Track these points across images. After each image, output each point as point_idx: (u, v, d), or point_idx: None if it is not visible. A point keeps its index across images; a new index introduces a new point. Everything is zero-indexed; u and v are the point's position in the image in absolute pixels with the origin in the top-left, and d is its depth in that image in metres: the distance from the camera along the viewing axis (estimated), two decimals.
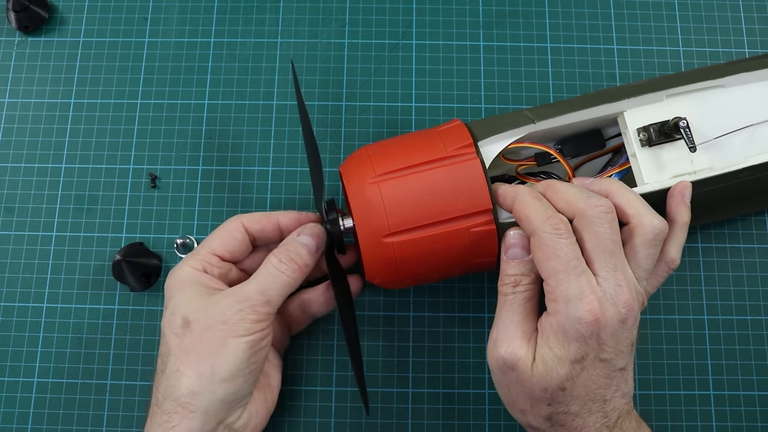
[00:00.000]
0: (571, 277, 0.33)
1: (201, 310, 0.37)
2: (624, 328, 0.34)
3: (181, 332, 0.37)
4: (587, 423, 0.34)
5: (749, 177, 0.41)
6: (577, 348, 0.33)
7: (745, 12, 0.50)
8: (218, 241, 0.40)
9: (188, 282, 0.38)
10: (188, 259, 0.39)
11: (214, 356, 0.36)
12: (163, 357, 0.37)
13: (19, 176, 0.47)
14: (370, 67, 0.49)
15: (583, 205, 0.34)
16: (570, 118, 0.40)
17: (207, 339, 0.36)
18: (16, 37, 0.50)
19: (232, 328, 0.36)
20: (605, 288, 0.33)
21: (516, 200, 0.36)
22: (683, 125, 0.39)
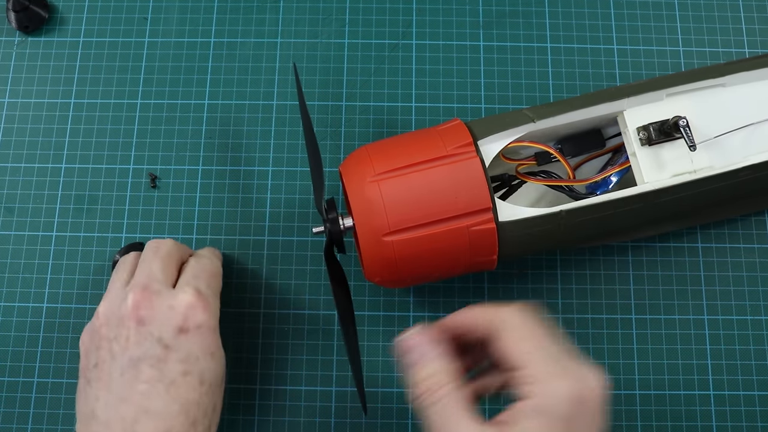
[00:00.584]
0: (548, 359, 0.30)
1: (166, 325, 0.37)
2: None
3: (165, 352, 0.36)
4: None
5: (749, 176, 0.41)
6: (563, 427, 0.29)
7: (745, 12, 0.50)
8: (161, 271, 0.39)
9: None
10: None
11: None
12: (166, 382, 0.36)
13: (19, 176, 0.47)
14: (370, 67, 0.49)
15: None
16: (570, 117, 0.40)
17: (198, 341, 0.37)
18: (16, 37, 0.50)
19: (212, 314, 0.38)
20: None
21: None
22: (683, 124, 0.39)
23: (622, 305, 0.45)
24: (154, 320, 0.36)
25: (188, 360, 0.35)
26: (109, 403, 0.35)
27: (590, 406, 0.30)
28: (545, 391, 0.29)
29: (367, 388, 0.43)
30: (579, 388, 0.30)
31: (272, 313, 0.45)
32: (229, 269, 0.46)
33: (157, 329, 0.35)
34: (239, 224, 0.46)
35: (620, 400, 0.44)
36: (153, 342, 0.35)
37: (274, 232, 0.46)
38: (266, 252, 0.46)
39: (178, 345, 0.35)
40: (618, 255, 0.46)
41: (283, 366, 0.44)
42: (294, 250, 0.46)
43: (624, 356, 0.44)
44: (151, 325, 0.35)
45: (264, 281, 0.45)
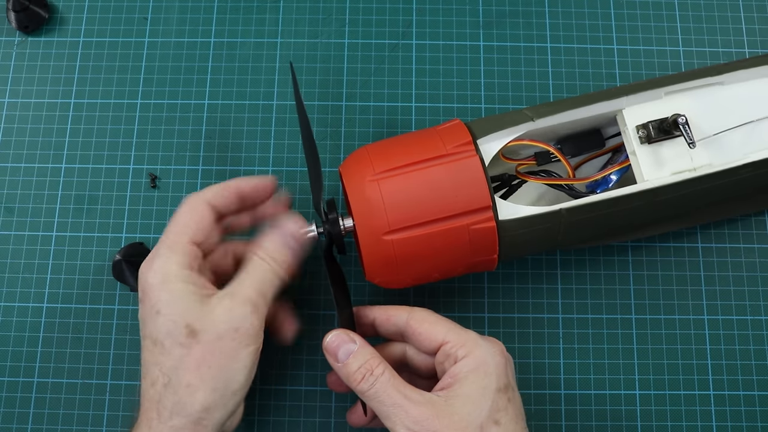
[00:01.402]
0: (460, 329, 0.36)
1: (206, 317, 0.35)
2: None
3: (187, 342, 0.34)
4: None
5: (749, 173, 0.41)
6: (496, 377, 0.35)
7: (745, 12, 0.50)
8: (192, 225, 0.37)
9: (178, 282, 0.35)
10: (168, 252, 0.36)
11: (227, 369, 0.34)
12: (165, 369, 0.34)
13: (19, 176, 0.47)
14: (370, 67, 0.49)
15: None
16: (569, 115, 0.40)
17: (219, 351, 0.34)
18: (16, 37, 0.50)
19: (243, 336, 0.35)
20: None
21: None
22: (682, 122, 0.39)
23: (622, 305, 0.45)
24: None
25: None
26: None
27: (510, 360, 0.37)
28: (477, 350, 0.35)
29: None
30: (500, 345, 0.37)
31: None
32: None
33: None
34: None
35: (620, 400, 0.44)
36: None
37: None
38: None
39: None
40: (618, 255, 0.46)
41: (283, 366, 0.44)
42: None
43: (624, 356, 0.44)
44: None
45: None
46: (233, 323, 0.35)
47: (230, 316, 0.35)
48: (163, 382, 0.34)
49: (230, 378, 0.35)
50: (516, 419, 0.35)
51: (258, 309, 0.36)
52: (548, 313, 0.45)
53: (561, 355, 0.44)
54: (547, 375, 0.44)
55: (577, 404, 0.44)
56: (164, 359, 0.35)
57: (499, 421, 0.34)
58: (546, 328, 0.45)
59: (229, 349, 0.34)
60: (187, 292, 0.35)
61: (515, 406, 0.35)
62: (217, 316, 0.35)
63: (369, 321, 0.39)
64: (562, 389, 0.44)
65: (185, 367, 0.34)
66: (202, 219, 0.37)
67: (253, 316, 0.35)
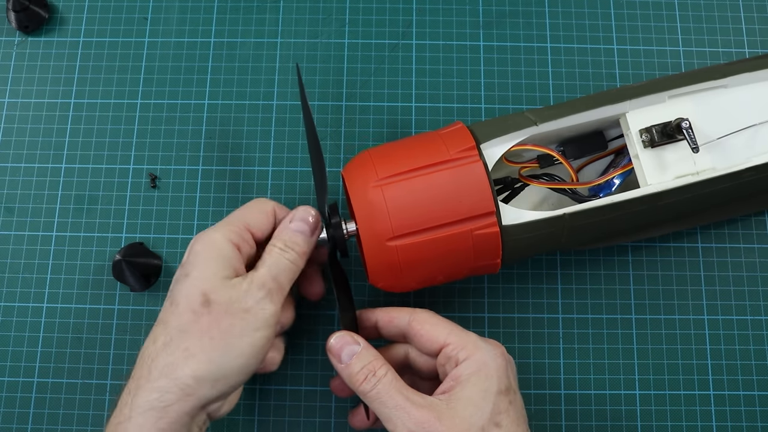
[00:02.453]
0: (462, 331, 0.37)
1: (224, 291, 0.35)
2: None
3: (200, 310, 0.35)
4: None
5: (752, 177, 0.41)
6: (497, 380, 0.35)
7: (745, 12, 0.50)
8: (254, 217, 0.39)
9: (219, 253, 0.36)
10: (222, 227, 0.37)
11: (229, 347, 0.35)
12: (170, 329, 0.35)
13: (19, 176, 0.47)
14: (370, 67, 0.49)
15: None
16: (572, 119, 0.40)
17: (225, 326, 0.35)
18: (16, 37, 0.50)
19: (252, 318, 0.35)
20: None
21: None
22: (686, 126, 0.39)
23: (622, 305, 0.45)
24: None
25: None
26: None
27: (512, 362, 0.37)
28: (478, 352, 0.36)
29: None
30: (500, 347, 0.37)
31: None
32: None
33: None
34: None
35: (620, 400, 0.44)
36: None
37: None
38: None
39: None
40: (618, 255, 0.46)
41: (283, 366, 0.44)
42: None
43: (624, 356, 0.44)
44: None
45: None
46: (244, 304, 0.35)
47: (244, 296, 0.35)
48: (164, 341, 0.35)
49: (228, 355, 0.35)
50: (517, 421, 0.35)
51: (272, 294, 0.36)
52: (548, 313, 0.45)
53: (561, 355, 0.44)
54: (547, 375, 0.44)
55: (577, 404, 0.44)
56: (173, 319, 0.35)
57: (500, 424, 0.34)
58: (546, 328, 0.45)
59: (236, 327, 0.35)
60: (218, 265, 0.36)
61: (516, 408, 0.35)
62: (233, 293, 0.35)
63: (371, 323, 0.39)
64: (562, 389, 0.44)
65: (189, 332, 0.35)
66: (264, 213, 0.39)
67: (266, 300, 0.36)
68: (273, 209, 0.39)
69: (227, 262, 0.36)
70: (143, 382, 0.34)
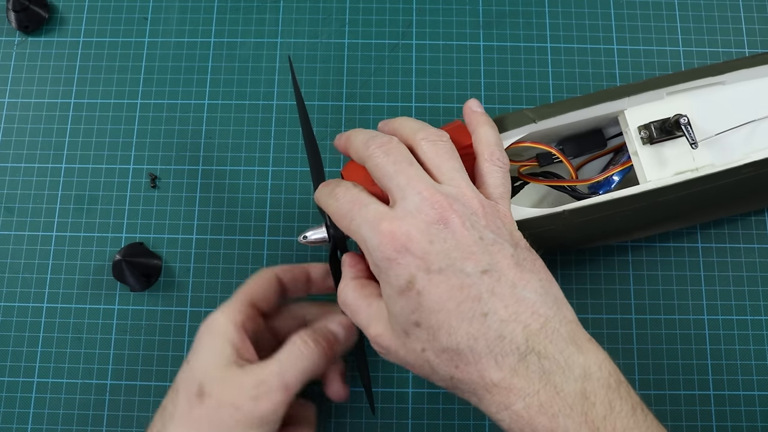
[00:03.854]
0: (359, 217, 0.32)
1: (218, 383, 0.34)
2: (447, 228, 0.31)
3: (194, 400, 0.34)
4: (476, 348, 0.30)
5: (751, 173, 0.41)
6: (394, 275, 0.31)
7: (745, 12, 0.50)
8: (256, 290, 0.38)
9: (219, 338, 0.35)
10: (226, 308, 0.37)
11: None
12: (166, 416, 0.35)
13: (19, 176, 0.47)
14: (370, 67, 0.49)
15: (363, 153, 0.34)
16: (571, 117, 0.40)
17: (215, 420, 0.33)
18: (16, 37, 0.50)
19: (243, 415, 0.33)
20: (402, 206, 0.31)
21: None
22: (684, 122, 0.39)
23: (622, 305, 0.45)
24: None
25: None
26: None
27: (415, 240, 0.31)
28: (366, 248, 0.32)
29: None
30: (388, 231, 0.31)
31: None
32: (229, 269, 0.46)
33: None
34: (239, 224, 0.46)
35: None
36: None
37: (274, 232, 0.46)
38: (266, 252, 0.46)
39: None
40: (618, 255, 0.46)
41: None
42: (294, 250, 0.46)
43: (624, 356, 0.44)
44: None
45: None
46: (237, 399, 0.34)
47: (238, 391, 0.34)
48: (158, 429, 0.35)
49: None
50: (440, 305, 0.30)
51: (270, 393, 0.34)
52: None
53: None
54: None
55: None
56: (170, 406, 0.35)
57: (419, 322, 0.31)
58: None
59: (225, 424, 0.33)
60: (218, 351, 0.35)
61: (432, 294, 0.30)
62: (227, 386, 0.34)
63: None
64: None
65: (180, 423, 0.34)
66: (267, 284, 0.39)
67: (262, 399, 0.34)
68: (275, 276, 0.39)
69: (228, 345, 0.35)
70: None
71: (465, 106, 0.38)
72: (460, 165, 0.34)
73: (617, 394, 0.29)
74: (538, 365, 0.29)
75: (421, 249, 0.30)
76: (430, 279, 0.30)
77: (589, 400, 0.29)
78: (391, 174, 0.32)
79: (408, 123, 0.36)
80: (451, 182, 0.33)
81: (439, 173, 0.33)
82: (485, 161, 0.35)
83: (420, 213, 0.31)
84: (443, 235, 0.31)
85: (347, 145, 0.36)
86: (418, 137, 0.34)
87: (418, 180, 0.32)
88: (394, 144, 0.34)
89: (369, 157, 0.33)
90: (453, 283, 0.30)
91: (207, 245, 0.46)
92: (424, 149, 0.34)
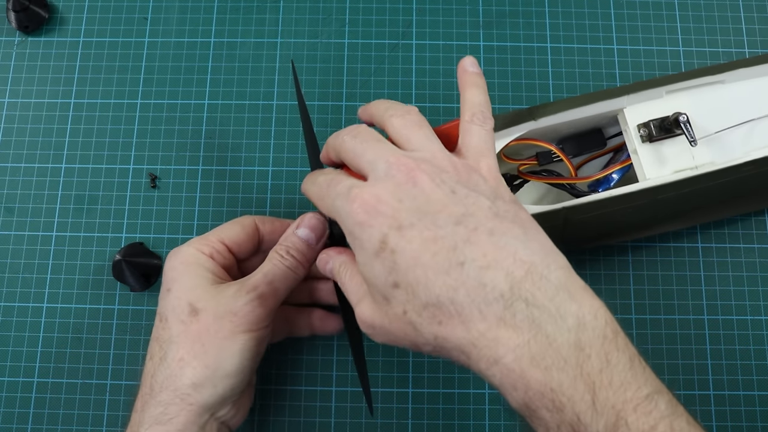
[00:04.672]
0: (333, 192, 0.32)
1: (209, 299, 0.36)
2: (415, 187, 0.30)
3: (188, 320, 0.35)
4: (457, 299, 0.28)
5: (750, 171, 0.41)
6: (367, 237, 0.30)
7: (745, 12, 0.50)
8: (228, 231, 0.39)
9: (194, 265, 0.37)
10: (195, 241, 0.38)
11: (221, 350, 0.35)
12: (163, 344, 0.36)
13: (19, 176, 0.47)
14: (370, 67, 0.49)
15: (338, 145, 0.35)
16: (570, 115, 0.40)
17: (215, 330, 0.35)
18: (16, 37, 0.50)
19: (242, 320, 0.35)
20: (372, 176, 0.31)
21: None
22: (684, 120, 0.39)
23: (622, 305, 0.45)
24: None
25: None
26: None
27: (384, 200, 0.31)
28: (339, 219, 0.32)
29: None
30: (354, 194, 0.31)
31: None
32: None
33: None
34: None
35: None
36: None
37: None
38: None
39: None
40: (618, 255, 0.46)
41: (283, 366, 0.44)
42: None
43: None
44: None
45: None
46: (232, 307, 0.35)
47: (232, 300, 0.36)
48: (159, 356, 0.36)
49: (222, 359, 0.35)
50: (415, 263, 0.29)
51: (263, 298, 0.36)
52: None
53: None
54: None
55: None
56: (164, 333, 0.36)
57: (397, 283, 0.29)
58: None
59: (225, 330, 0.35)
60: (197, 275, 0.37)
61: (405, 251, 0.29)
62: (220, 299, 0.36)
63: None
64: None
65: (180, 343, 0.35)
66: (240, 225, 0.40)
67: (255, 303, 0.36)
68: (253, 222, 0.40)
69: (205, 270, 0.37)
70: (147, 398, 0.35)
71: (459, 65, 0.37)
72: (431, 133, 0.34)
73: (614, 345, 0.28)
74: (527, 313, 0.28)
75: (391, 207, 0.30)
76: (402, 235, 0.29)
77: (584, 352, 0.27)
78: (360, 152, 0.33)
79: (379, 104, 0.36)
80: (421, 148, 0.33)
81: (409, 143, 0.33)
82: (465, 122, 0.35)
83: (388, 177, 0.31)
84: (412, 192, 0.30)
85: (327, 150, 0.36)
86: (387, 114, 0.35)
87: (385, 150, 0.32)
88: (363, 128, 0.34)
89: (340, 146, 0.34)
90: (426, 236, 0.29)
91: None
92: (393, 124, 0.34)
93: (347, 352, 0.44)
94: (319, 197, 0.34)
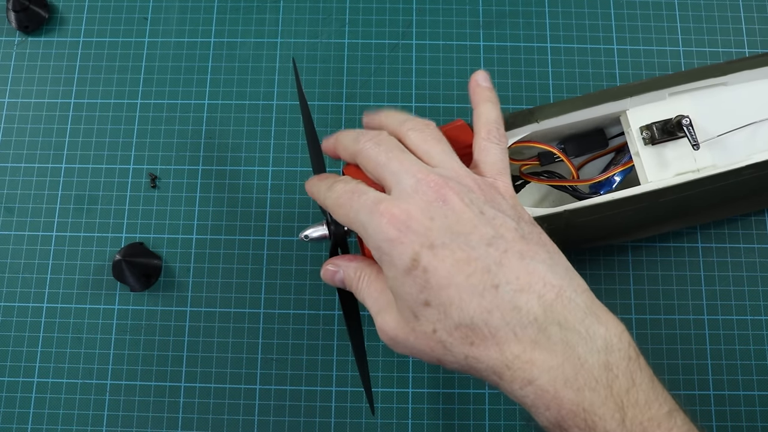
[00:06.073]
0: (357, 204, 0.31)
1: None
2: (446, 205, 0.30)
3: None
4: (491, 321, 0.29)
5: (753, 174, 0.41)
6: (398, 254, 0.30)
7: (745, 12, 0.50)
8: None
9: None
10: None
11: None
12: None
13: (19, 176, 0.47)
14: (370, 67, 0.49)
15: (354, 148, 0.34)
16: (573, 117, 0.40)
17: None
18: (16, 37, 0.50)
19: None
20: (398, 189, 0.31)
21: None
22: (686, 123, 0.39)
23: (622, 305, 0.45)
24: None
25: None
26: None
27: (416, 218, 0.30)
28: (367, 237, 0.32)
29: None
30: (388, 212, 0.31)
31: (272, 313, 0.45)
32: (229, 269, 0.46)
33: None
34: (239, 224, 0.46)
35: None
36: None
37: (274, 232, 0.46)
38: (266, 252, 0.46)
39: None
40: (618, 255, 0.46)
41: (283, 366, 0.44)
42: (294, 250, 0.46)
43: None
44: None
45: (264, 281, 0.46)
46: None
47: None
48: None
49: None
50: (449, 281, 0.29)
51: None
52: None
53: None
54: None
55: None
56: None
57: (428, 302, 0.30)
58: None
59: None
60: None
61: (439, 270, 0.29)
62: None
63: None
64: None
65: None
66: None
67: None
68: None
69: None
70: None
71: (471, 79, 0.37)
72: (450, 149, 0.34)
73: (637, 365, 0.29)
74: (561, 336, 0.28)
75: (423, 226, 0.30)
76: (435, 254, 0.29)
77: (612, 372, 0.28)
78: (384, 162, 0.32)
79: (393, 115, 0.36)
80: (443, 164, 0.33)
81: (430, 159, 0.33)
82: (482, 139, 0.35)
83: (417, 193, 0.30)
84: (443, 211, 0.30)
85: (336, 146, 0.36)
86: (405, 128, 0.34)
87: (411, 164, 0.32)
88: (384, 136, 0.34)
89: (360, 151, 0.33)
90: (459, 257, 0.29)
91: (207, 245, 0.46)
92: (411, 138, 0.34)
93: (347, 353, 0.44)
94: (337, 206, 0.33)
